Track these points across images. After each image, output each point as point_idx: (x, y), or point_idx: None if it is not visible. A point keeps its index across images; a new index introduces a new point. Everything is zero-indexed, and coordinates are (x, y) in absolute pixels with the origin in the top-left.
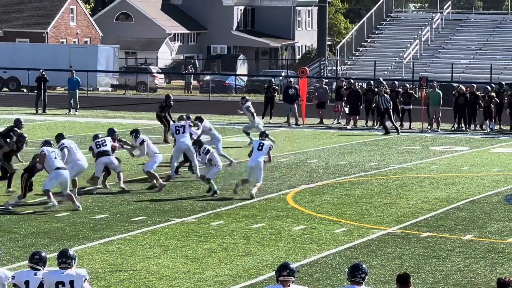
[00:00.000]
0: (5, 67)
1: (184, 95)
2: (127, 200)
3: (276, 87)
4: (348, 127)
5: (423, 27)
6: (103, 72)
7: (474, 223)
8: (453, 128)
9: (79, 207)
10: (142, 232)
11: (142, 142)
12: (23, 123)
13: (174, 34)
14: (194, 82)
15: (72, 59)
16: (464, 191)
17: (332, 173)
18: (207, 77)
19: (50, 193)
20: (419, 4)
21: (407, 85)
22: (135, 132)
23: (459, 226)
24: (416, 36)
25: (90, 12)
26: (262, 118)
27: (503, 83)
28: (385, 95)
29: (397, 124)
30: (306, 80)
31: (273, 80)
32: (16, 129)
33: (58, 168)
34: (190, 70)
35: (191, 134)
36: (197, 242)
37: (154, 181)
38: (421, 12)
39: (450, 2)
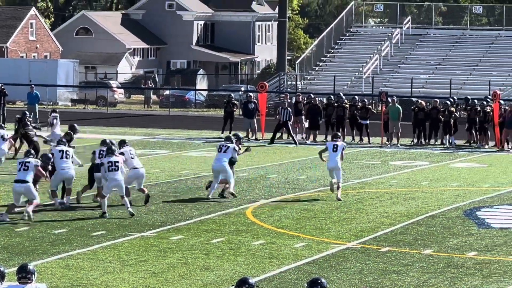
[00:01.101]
0: None
1: (144, 109)
2: (87, 214)
3: (235, 102)
4: (308, 141)
5: (383, 42)
6: (63, 87)
7: (434, 238)
8: (412, 143)
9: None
10: (101, 247)
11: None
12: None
13: (134, 49)
14: (153, 97)
15: (32, 73)
16: (424, 206)
17: (291, 188)
18: (167, 92)
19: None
20: (379, 19)
21: (366, 100)
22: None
23: (418, 240)
24: (375, 51)
25: (50, 27)
26: (222, 132)
27: (455, 98)
28: (289, 108)
29: (298, 137)
30: (266, 95)
31: (232, 95)
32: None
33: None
34: (150, 85)
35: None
36: (156, 257)
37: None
38: (380, 27)
39: (409, 17)
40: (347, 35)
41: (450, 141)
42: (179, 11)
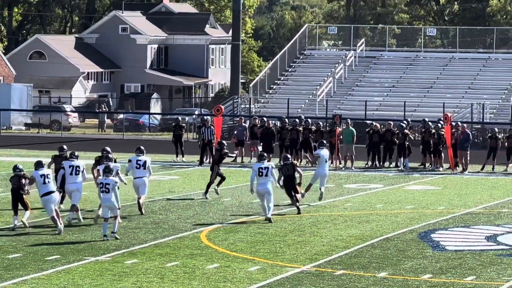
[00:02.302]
0: None
1: (98, 133)
2: (41, 239)
3: (183, 125)
4: None
5: (337, 65)
6: (16, 111)
7: (388, 261)
8: (366, 166)
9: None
10: (56, 271)
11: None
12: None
13: (88, 72)
14: (108, 121)
15: None
16: (378, 229)
17: (245, 211)
18: (121, 116)
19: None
20: (333, 42)
21: (320, 123)
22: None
23: (373, 263)
24: (329, 73)
25: (3, 51)
26: (176, 156)
27: (409, 120)
28: (212, 127)
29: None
30: (221, 119)
31: (179, 118)
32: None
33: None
34: (104, 109)
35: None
36: (111, 281)
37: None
38: (334, 50)
39: (363, 40)
40: (300, 57)
41: (405, 164)
42: (132, 34)
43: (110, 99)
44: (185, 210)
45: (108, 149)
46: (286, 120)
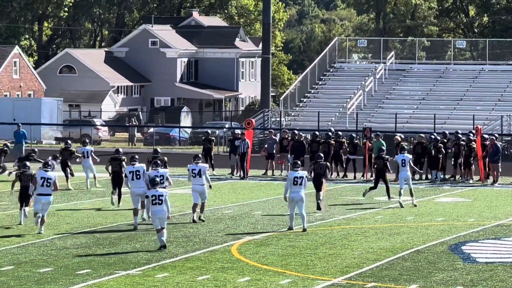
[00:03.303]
0: None
1: (128, 147)
2: (72, 253)
3: (213, 138)
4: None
5: (367, 78)
6: (47, 125)
7: (419, 273)
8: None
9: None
10: (87, 285)
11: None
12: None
13: (118, 86)
14: (138, 135)
15: (15, 112)
16: (409, 241)
17: (276, 224)
18: (151, 129)
19: None
20: (363, 55)
21: (354, 135)
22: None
23: (404, 276)
24: (359, 86)
25: (34, 65)
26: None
27: (447, 132)
28: (246, 139)
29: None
30: (252, 132)
31: (209, 131)
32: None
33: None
34: (134, 123)
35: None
36: None
37: None
38: (364, 63)
39: (393, 53)
40: (331, 70)
41: (437, 176)
42: (162, 48)
43: (140, 112)
44: (216, 223)
45: (159, 149)
46: (317, 133)
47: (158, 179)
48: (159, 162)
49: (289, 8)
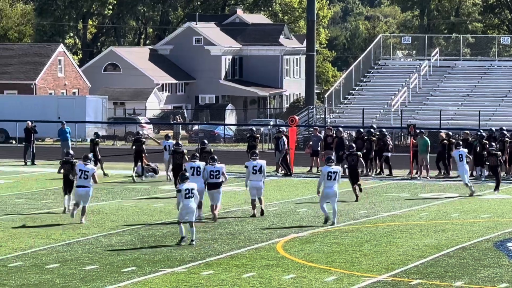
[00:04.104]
0: None
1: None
2: (117, 251)
3: (258, 136)
4: None
5: (411, 74)
6: (91, 123)
7: (464, 270)
8: (442, 175)
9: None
10: (132, 283)
11: None
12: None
13: (162, 84)
14: (182, 132)
15: (60, 110)
16: (454, 238)
17: (321, 221)
18: (196, 127)
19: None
20: (407, 52)
21: (384, 131)
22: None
23: (449, 273)
24: (404, 83)
25: (78, 63)
26: None
27: (493, 129)
28: (284, 137)
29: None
30: (296, 129)
31: (254, 129)
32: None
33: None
34: (179, 120)
35: None
36: None
37: None
38: (409, 59)
39: (437, 49)
40: (375, 67)
41: (481, 173)
42: (207, 45)
43: (184, 110)
44: (261, 220)
45: (206, 141)
46: (362, 130)
47: (187, 174)
48: (215, 157)
49: (333, 5)
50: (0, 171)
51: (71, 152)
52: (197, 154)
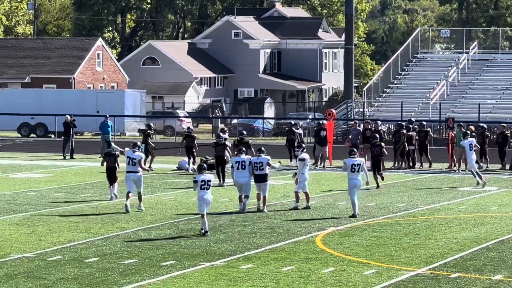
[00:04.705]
0: (32, 113)
1: (212, 138)
2: (156, 244)
3: (296, 130)
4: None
5: (450, 68)
6: (130, 117)
7: (504, 263)
8: (482, 168)
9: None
10: (171, 277)
11: None
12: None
13: (201, 78)
14: (221, 126)
15: (99, 104)
16: (493, 231)
17: (360, 215)
18: (235, 121)
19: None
20: (445, 45)
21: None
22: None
23: (488, 266)
24: (442, 76)
25: (117, 57)
26: (291, 161)
27: None
28: (297, 130)
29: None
30: (333, 123)
31: (292, 122)
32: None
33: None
34: (218, 114)
35: None
36: (226, 286)
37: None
38: (447, 53)
39: (476, 43)
40: (413, 61)
41: None
42: (245, 39)
43: (223, 104)
44: (300, 214)
45: (244, 133)
46: (403, 123)
47: (205, 165)
48: (262, 149)
49: None
50: (39, 165)
51: (112, 144)
52: (244, 149)
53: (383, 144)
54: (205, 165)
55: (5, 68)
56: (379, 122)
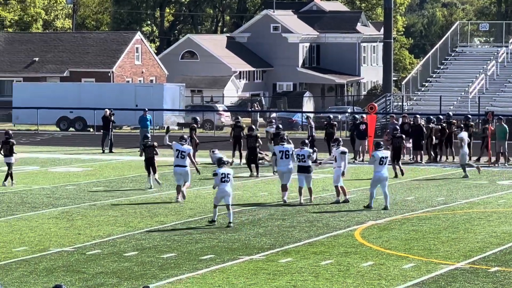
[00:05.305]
0: (71, 107)
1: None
2: (195, 238)
3: (335, 123)
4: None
5: (489, 61)
6: (169, 111)
7: None
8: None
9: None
10: (210, 271)
11: None
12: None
13: (240, 72)
14: (260, 120)
15: (137, 98)
16: None
17: (399, 209)
18: (274, 114)
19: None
20: (484, 39)
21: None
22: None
23: None
24: (481, 70)
25: (155, 51)
26: (329, 154)
27: None
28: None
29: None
30: (375, 116)
31: (331, 116)
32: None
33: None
34: (257, 108)
35: None
36: (265, 280)
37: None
38: (486, 46)
39: None
40: (452, 55)
41: None
42: (284, 33)
43: (262, 98)
44: (339, 208)
45: (280, 125)
46: (431, 117)
47: (225, 159)
48: (306, 141)
49: None
50: (78, 159)
51: (148, 135)
52: (285, 137)
53: (404, 136)
54: (224, 159)
55: (44, 62)
56: (418, 116)
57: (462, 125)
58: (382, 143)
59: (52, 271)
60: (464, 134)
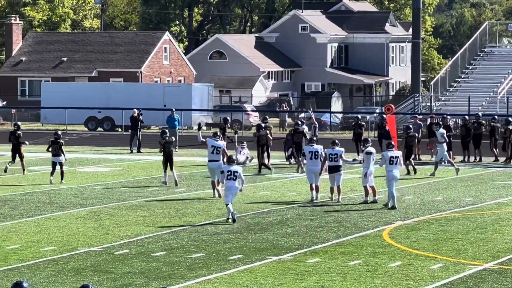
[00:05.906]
0: (99, 107)
1: (279, 132)
2: (223, 238)
3: (363, 124)
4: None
5: None
6: (197, 111)
7: None
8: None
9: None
10: (238, 271)
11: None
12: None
13: (268, 72)
14: (289, 120)
15: (166, 98)
16: None
17: (427, 209)
18: (302, 115)
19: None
20: None
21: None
22: None
23: None
24: (510, 70)
25: (184, 51)
26: (358, 154)
27: None
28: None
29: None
30: (394, 117)
31: (359, 116)
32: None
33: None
34: (285, 108)
35: None
36: (293, 280)
37: None
38: None
39: None
40: (481, 55)
41: None
42: (312, 33)
43: (291, 98)
44: (367, 208)
45: (299, 123)
46: (467, 117)
47: (233, 157)
48: (336, 141)
49: None
50: (106, 159)
51: (166, 131)
52: (315, 138)
53: (417, 134)
54: (234, 158)
55: (72, 62)
56: (448, 117)
57: (440, 122)
58: (392, 143)
59: (80, 271)
60: (443, 131)
